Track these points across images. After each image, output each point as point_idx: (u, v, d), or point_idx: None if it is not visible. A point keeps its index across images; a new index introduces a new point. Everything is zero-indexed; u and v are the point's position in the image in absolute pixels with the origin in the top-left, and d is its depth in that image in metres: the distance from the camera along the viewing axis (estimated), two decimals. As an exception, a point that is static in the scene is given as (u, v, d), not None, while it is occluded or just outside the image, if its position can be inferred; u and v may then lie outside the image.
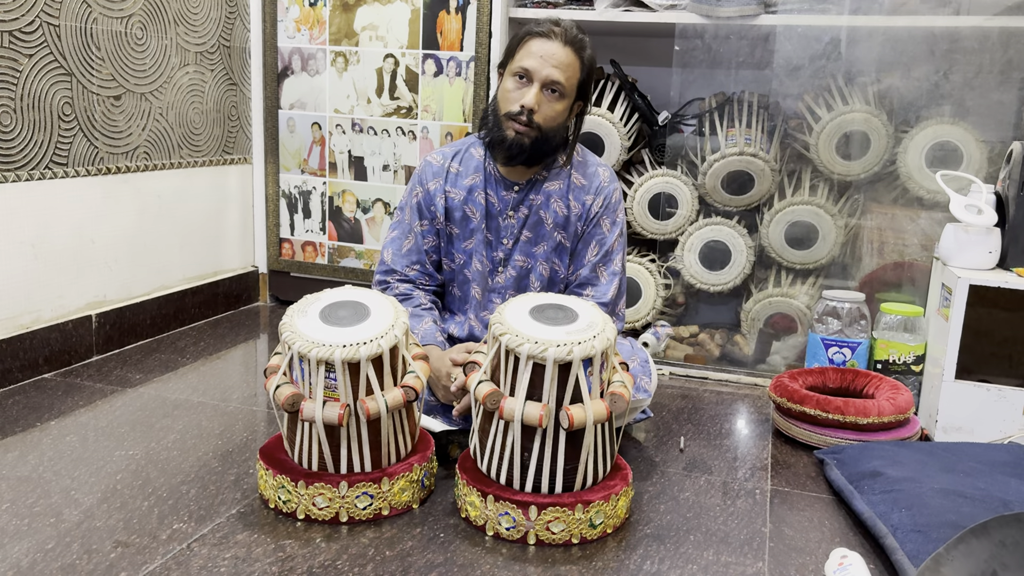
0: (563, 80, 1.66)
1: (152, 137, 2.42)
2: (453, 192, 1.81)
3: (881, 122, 2.30)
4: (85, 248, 2.23)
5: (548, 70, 1.65)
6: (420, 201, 1.82)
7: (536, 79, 1.66)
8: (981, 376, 1.88)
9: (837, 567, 1.29)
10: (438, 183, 1.81)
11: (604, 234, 1.79)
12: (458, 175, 1.81)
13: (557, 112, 1.69)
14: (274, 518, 1.44)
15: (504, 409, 1.37)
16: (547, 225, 1.79)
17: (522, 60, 1.67)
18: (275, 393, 1.43)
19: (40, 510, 1.43)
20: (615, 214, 1.81)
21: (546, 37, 1.66)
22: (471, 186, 1.80)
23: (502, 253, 1.81)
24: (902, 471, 1.55)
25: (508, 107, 1.69)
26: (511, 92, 1.69)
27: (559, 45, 1.66)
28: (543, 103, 1.67)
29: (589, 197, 1.79)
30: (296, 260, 2.87)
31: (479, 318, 1.84)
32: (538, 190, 1.78)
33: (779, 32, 2.33)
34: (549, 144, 1.72)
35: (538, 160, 1.75)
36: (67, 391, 2.01)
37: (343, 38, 2.66)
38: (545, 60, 1.65)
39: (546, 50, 1.65)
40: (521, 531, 1.38)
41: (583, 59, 1.69)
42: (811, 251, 2.42)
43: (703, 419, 2.03)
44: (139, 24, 2.32)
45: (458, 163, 1.82)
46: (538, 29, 1.68)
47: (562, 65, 1.66)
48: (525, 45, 1.68)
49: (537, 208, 1.78)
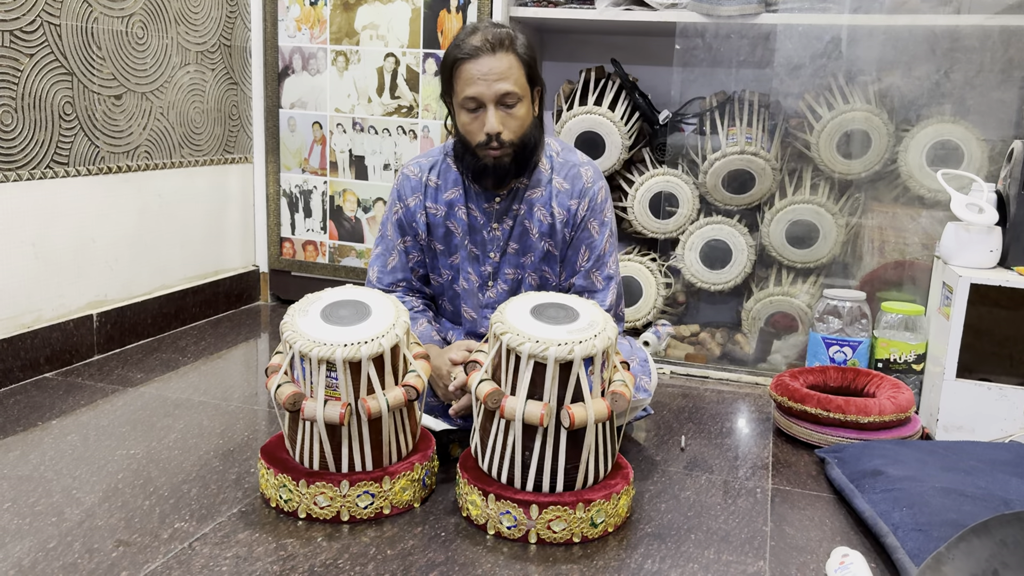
0: (513, 87, 1.58)
1: (153, 136, 2.42)
2: (433, 208, 1.75)
3: (882, 121, 2.30)
4: (86, 247, 2.24)
5: (494, 88, 1.57)
6: (401, 218, 1.77)
7: (487, 101, 1.58)
8: (982, 375, 1.88)
9: (838, 566, 1.29)
10: (417, 199, 1.76)
11: (593, 238, 1.74)
12: (437, 189, 1.76)
13: (522, 119, 1.63)
14: (275, 517, 1.44)
15: (505, 408, 1.37)
16: (532, 235, 1.73)
17: (465, 90, 1.59)
18: (276, 392, 1.43)
19: (41, 509, 1.43)
20: (602, 215, 1.74)
21: (474, 57, 1.57)
22: (451, 200, 1.74)
23: (490, 267, 1.76)
24: (903, 470, 1.55)
25: (475, 139, 1.63)
26: (470, 125, 1.62)
27: (490, 57, 1.57)
28: (505, 119, 1.60)
29: (574, 202, 1.72)
30: (297, 259, 2.87)
31: (476, 336, 1.81)
32: (520, 199, 1.73)
33: (780, 31, 2.33)
34: (528, 148, 1.66)
35: (526, 167, 1.69)
36: (68, 390, 2.01)
37: (344, 37, 2.66)
38: (486, 80, 1.57)
39: (481, 70, 1.57)
40: (522, 530, 1.38)
41: (518, 54, 1.60)
42: (812, 250, 2.42)
43: (704, 418, 2.03)
44: (140, 23, 2.32)
45: (436, 176, 1.76)
46: (462, 53, 1.59)
47: (504, 74, 1.57)
48: (459, 74, 1.59)
49: (521, 218, 1.73)
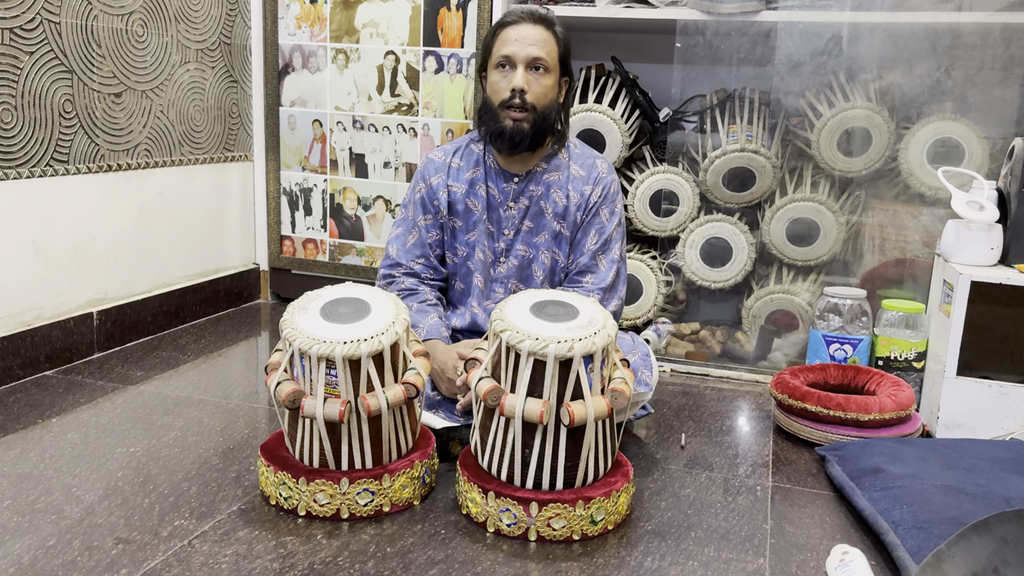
0: (544, 55, 1.72)
1: (153, 134, 2.42)
2: (455, 186, 1.86)
3: (883, 118, 2.30)
4: (86, 245, 2.24)
5: (527, 49, 1.71)
6: (423, 196, 1.87)
7: (519, 61, 1.72)
8: (983, 372, 1.87)
9: (838, 563, 1.29)
10: (440, 178, 1.86)
11: (603, 223, 1.83)
12: (459, 170, 1.87)
13: (547, 88, 1.75)
14: (275, 515, 1.44)
15: (505, 406, 1.37)
16: (547, 215, 1.83)
17: (501, 50, 1.74)
18: (276, 390, 1.43)
19: (41, 507, 1.43)
20: (613, 204, 1.85)
21: (515, 24, 1.73)
22: (472, 179, 1.85)
23: (503, 244, 1.85)
24: (903, 468, 1.55)
25: (500, 96, 1.74)
26: (499, 83, 1.75)
27: (530, 26, 1.73)
28: (531, 82, 1.73)
29: (588, 187, 1.83)
30: (297, 257, 2.87)
31: (482, 307, 1.88)
32: (538, 181, 1.83)
33: (780, 28, 2.33)
34: (547, 123, 1.77)
35: (541, 141, 1.79)
36: (68, 388, 2.01)
37: (344, 35, 2.66)
38: (522, 42, 1.71)
39: (520, 33, 1.72)
40: (522, 527, 1.38)
41: (556, 34, 1.76)
42: (812, 248, 2.41)
43: (704, 416, 2.02)
44: (140, 21, 2.32)
45: (459, 159, 1.88)
46: (506, 20, 1.75)
47: (539, 42, 1.72)
48: (499, 37, 1.75)
49: (538, 199, 1.83)
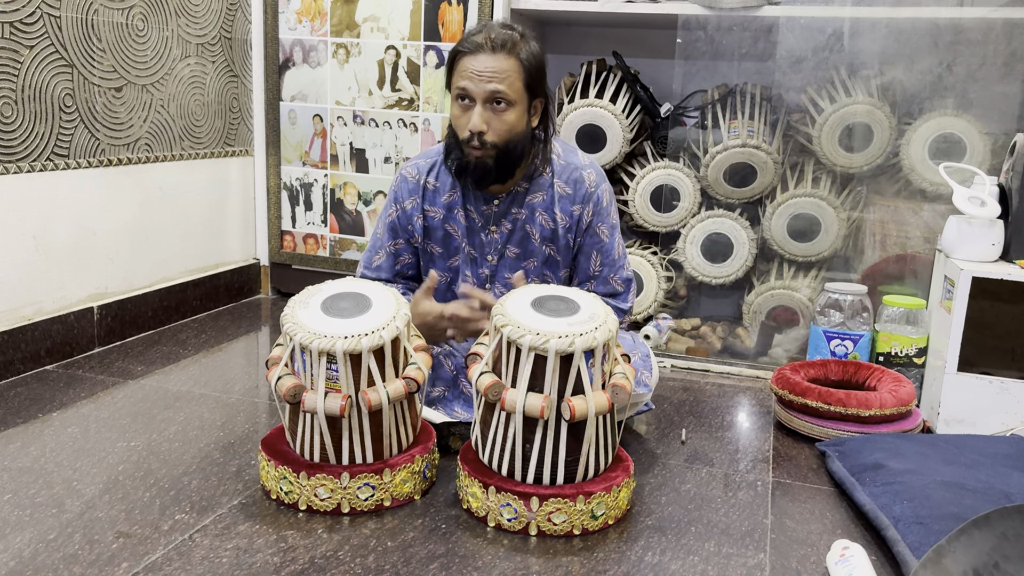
0: (504, 88, 1.59)
1: (153, 129, 2.41)
2: (432, 211, 1.76)
3: (884, 114, 2.29)
4: (87, 240, 2.23)
5: (484, 85, 1.58)
6: (395, 220, 1.78)
7: (476, 97, 1.60)
8: (983, 369, 1.87)
9: (839, 559, 1.29)
10: (415, 201, 1.76)
11: (604, 241, 1.75)
12: (435, 192, 1.76)
13: (510, 123, 1.62)
14: (276, 509, 1.44)
15: (506, 401, 1.37)
16: (534, 240, 1.74)
17: (458, 81, 1.62)
18: (277, 384, 1.43)
19: (42, 501, 1.43)
20: (609, 217, 1.75)
21: (473, 53, 1.60)
22: (450, 203, 1.75)
23: (487, 270, 1.76)
24: (904, 463, 1.55)
25: (460, 134, 1.64)
26: (459, 118, 1.64)
27: (488, 56, 1.59)
28: (491, 119, 1.60)
29: (577, 207, 1.72)
30: (298, 252, 2.87)
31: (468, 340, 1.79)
32: (521, 203, 1.73)
33: (782, 24, 2.32)
34: (514, 155, 1.65)
35: (510, 173, 1.67)
36: (69, 383, 2.01)
37: (344, 30, 2.65)
38: (479, 76, 1.58)
39: (476, 66, 1.59)
40: (523, 522, 1.39)
41: (520, 59, 1.61)
42: (813, 243, 2.41)
43: (705, 411, 2.03)
44: (140, 15, 2.32)
45: (434, 178, 1.76)
46: (464, 47, 1.62)
47: (498, 74, 1.58)
48: (457, 66, 1.63)
49: (522, 223, 1.73)
